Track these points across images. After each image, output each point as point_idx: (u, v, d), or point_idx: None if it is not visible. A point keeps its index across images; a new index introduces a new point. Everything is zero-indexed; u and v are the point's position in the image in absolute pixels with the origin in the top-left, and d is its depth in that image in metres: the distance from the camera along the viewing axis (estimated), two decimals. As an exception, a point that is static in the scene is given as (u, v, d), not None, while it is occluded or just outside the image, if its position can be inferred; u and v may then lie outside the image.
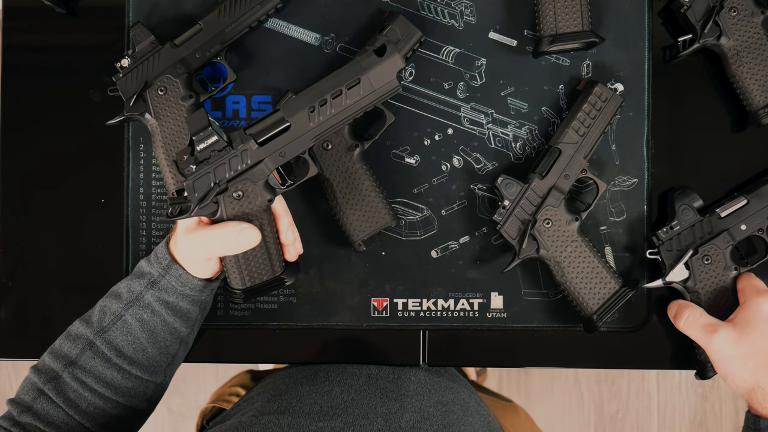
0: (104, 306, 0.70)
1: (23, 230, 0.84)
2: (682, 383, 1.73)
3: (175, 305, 0.69)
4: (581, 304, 0.80)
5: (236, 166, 0.67)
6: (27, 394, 0.67)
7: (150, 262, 0.70)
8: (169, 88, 0.78)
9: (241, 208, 0.67)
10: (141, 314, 0.68)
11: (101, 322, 0.69)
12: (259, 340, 0.85)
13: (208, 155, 0.66)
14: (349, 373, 0.80)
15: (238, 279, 0.71)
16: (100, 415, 0.67)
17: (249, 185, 0.66)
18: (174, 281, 0.69)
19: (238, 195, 0.66)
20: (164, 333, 0.70)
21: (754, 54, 0.80)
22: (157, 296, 0.69)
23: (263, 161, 0.66)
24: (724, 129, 0.85)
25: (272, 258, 0.70)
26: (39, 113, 0.84)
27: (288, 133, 0.66)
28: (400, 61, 0.64)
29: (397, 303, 0.84)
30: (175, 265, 0.68)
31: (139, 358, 0.69)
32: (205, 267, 0.70)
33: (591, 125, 0.79)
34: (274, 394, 0.78)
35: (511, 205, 0.79)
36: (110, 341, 0.68)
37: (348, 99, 0.65)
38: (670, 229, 0.80)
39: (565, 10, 0.78)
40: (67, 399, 0.66)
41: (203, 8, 0.81)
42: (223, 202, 0.67)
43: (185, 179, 0.67)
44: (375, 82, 0.64)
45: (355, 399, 0.75)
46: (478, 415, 0.81)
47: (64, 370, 0.67)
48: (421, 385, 0.80)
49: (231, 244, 0.66)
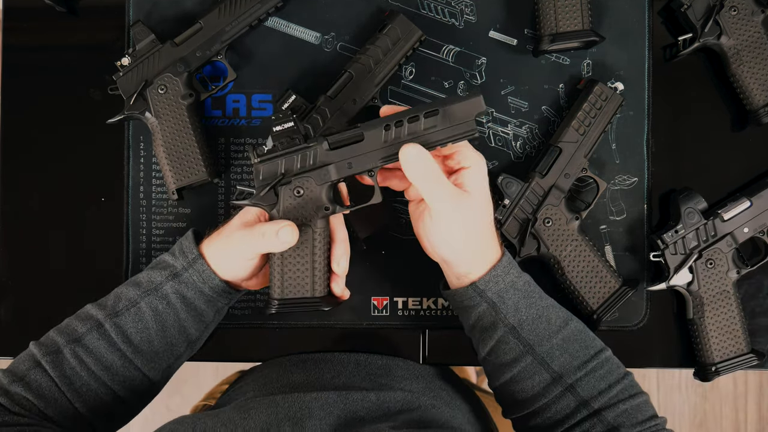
0: (120, 292, 0.70)
1: (23, 230, 0.84)
2: (682, 383, 1.73)
3: (191, 301, 0.69)
4: (581, 303, 0.80)
5: (305, 162, 0.67)
6: (23, 363, 0.66)
7: (174, 255, 0.70)
8: (169, 86, 0.78)
9: (298, 209, 0.68)
10: (156, 304, 0.68)
11: (115, 307, 0.68)
12: (259, 339, 0.85)
13: (282, 141, 0.67)
14: (338, 360, 0.82)
15: (277, 286, 0.70)
16: (91, 397, 0.67)
17: (311, 184, 0.67)
18: (196, 276, 0.69)
19: (298, 191, 0.67)
20: (174, 329, 0.70)
21: (755, 53, 0.80)
22: (176, 288, 0.69)
23: (330, 165, 0.67)
24: (725, 128, 0.85)
25: (315, 276, 0.70)
26: (39, 112, 0.84)
27: (360, 144, 0.67)
28: (482, 104, 0.65)
29: (397, 302, 0.84)
30: (201, 260, 0.68)
31: (144, 349, 0.68)
32: (243, 264, 0.69)
33: (591, 124, 0.79)
34: (265, 381, 0.80)
35: (511, 204, 0.79)
36: (120, 325, 0.68)
37: (423, 125, 0.65)
38: (675, 233, 0.80)
39: (566, 8, 0.78)
40: (63, 374, 0.65)
41: (203, 7, 0.81)
42: (283, 195, 0.67)
43: (256, 159, 0.67)
44: (452, 118, 0.65)
45: (346, 382, 0.77)
46: (467, 402, 0.83)
47: (66, 346, 0.66)
48: (410, 370, 0.82)
49: (269, 237, 0.66)
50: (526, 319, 0.68)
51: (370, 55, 0.78)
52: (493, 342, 0.69)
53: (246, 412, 0.66)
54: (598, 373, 0.67)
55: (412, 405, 0.73)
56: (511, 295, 0.68)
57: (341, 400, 0.70)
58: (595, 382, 0.67)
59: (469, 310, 0.70)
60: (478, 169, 0.67)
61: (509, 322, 0.68)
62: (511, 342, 0.68)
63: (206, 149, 0.79)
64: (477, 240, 0.67)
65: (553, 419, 0.68)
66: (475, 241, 0.67)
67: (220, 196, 0.83)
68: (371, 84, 0.78)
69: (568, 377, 0.67)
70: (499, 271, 0.68)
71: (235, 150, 0.83)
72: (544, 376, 0.67)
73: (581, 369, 0.67)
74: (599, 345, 0.69)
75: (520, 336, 0.68)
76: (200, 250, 0.69)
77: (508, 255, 0.70)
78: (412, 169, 0.64)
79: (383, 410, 0.71)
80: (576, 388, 0.67)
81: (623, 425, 0.66)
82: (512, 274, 0.69)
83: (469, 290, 0.68)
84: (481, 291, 0.68)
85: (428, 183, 0.64)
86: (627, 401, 0.67)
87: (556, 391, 0.67)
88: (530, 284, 0.70)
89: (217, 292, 0.70)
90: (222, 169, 0.83)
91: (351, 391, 0.71)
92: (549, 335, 0.68)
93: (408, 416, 0.71)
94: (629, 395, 0.67)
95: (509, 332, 0.68)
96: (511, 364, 0.68)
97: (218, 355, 0.86)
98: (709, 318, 0.80)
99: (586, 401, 0.66)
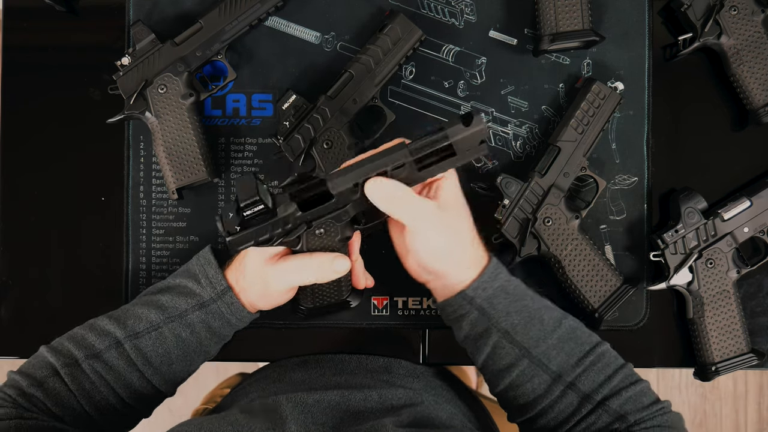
0: (141, 313, 0.69)
1: (23, 229, 0.84)
2: (682, 383, 1.73)
3: (217, 330, 0.70)
4: (583, 302, 0.80)
5: (278, 229, 0.66)
6: (40, 370, 0.66)
7: (200, 284, 0.70)
8: (169, 86, 0.78)
9: (321, 242, 0.68)
10: (180, 331, 0.69)
11: (135, 327, 0.68)
12: (260, 339, 0.84)
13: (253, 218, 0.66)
14: (339, 360, 0.82)
15: (309, 299, 0.72)
16: (108, 409, 0.67)
17: (332, 224, 0.67)
18: (225, 308, 0.69)
19: (320, 232, 0.67)
20: (195, 353, 0.70)
21: (755, 53, 0.80)
22: (202, 318, 0.69)
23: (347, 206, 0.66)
24: (725, 128, 0.85)
25: (341, 285, 0.72)
26: (39, 112, 0.84)
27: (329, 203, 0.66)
28: (485, 130, 0.63)
29: (397, 302, 0.84)
30: (230, 292, 0.69)
31: (164, 371, 0.69)
32: (279, 297, 0.70)
33: (590, 123, 0.79)
34: (267, 382, 0.80)
35: (511, 203, 0.79)
36: (140, 348, 0.68)
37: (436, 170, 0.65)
38: (675, 232, 0.80)
39: (566, 8, 0.78)
40: (82, 388, 0.66)
41: (203, 6, 0.81)
42: (306, 238, 0.67)
43: (228, 237, 0.65)
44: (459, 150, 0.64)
45: (348, 380, 0.77)
46: (467, 401, 0.83)
47: (85, 360, 0.66)
48: (410, 370, 0.82)
49: (326, 272, 0.67)
50: (519, 323, 0.68)
51: (370, 55, 0.78)
52: (489, 349, 0.68)
53: (250, 414, 0.66)
54: (597, 366, 0.67)
55: (414, 401, 0.73)
56: (501, 300, 0.68)
57: (343, 400, 0.70)
58: (595, 376, 0.67)
59: (461, 320, 0.69)
60: (452, 179, 0.67)
61: (502, 327, 0.67)
62: (506, 347, 0.68)
63: (206, 149, 0.79)
64: (460, 248, 0.67)
65: (558, 418, 0.67)
66: (459, 249, 0.67)
67: (220, 196, 0.83)
68: (371, 84, 0.78)
69: (568, 375, 0.67)
70: (486, 278, 0.68)
71: (235, 150, 0.83)
72: (543, 377, 0.67)
73: (579, 365, 0.67)
74: (595, 340, 0.69)
75: (514, 340, 0.67)
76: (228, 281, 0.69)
77: (495, 260, 0.70)
78: (379, 200, 0.64)
79: (386, 406, 0.71)
80: (577, 385, 0.67)
81: (629, 412, 0.66)
82: (500, 278, 0.69)
83: (458, 299, 0.68)
84: (471, 298, 0.68)
85: (395, 205, 0.64)
86: (629, 388, 0.67)
87: (557, 390, 0.67)
88: (519, 287, 0.70)
89: (243, 322, 0.71)
90: (222, 168, 0.83)
91: (353, 390, 0.72)
92: (544, 336, 0.67)
93: (411, 410, 0.71)
94: (630, 383, 0.67)
95: (503, 337, 0.68)
96: (509, 369, 0.68)
97: (220, 355, 0.86)
98: (709, 318, 0.80)
99: (588, 395, 0.66)
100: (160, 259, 0.83)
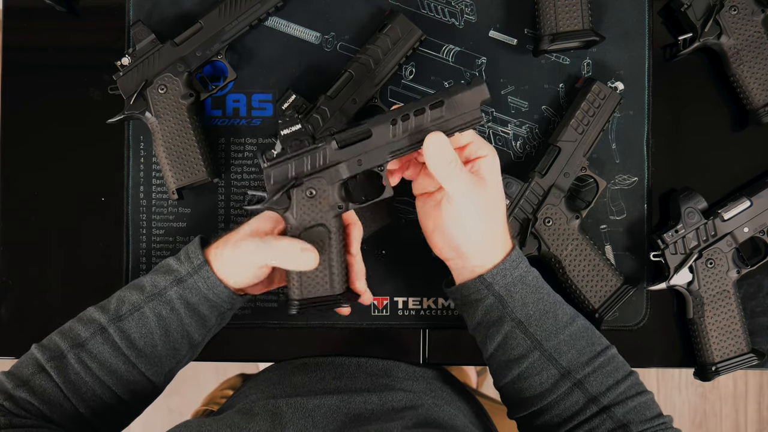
0: (123, 296, 0.69)
1: (23, 229, 0.84)
2: (682, 383, 1.73)
3: (195, 307, 0.69)
4: (584, 302, 0.80)
5: (314, 163, 0.67)
6: (26, 368, 0.66)
7: (180, 260, 0.70)
8: (169, 86, 0.78)
9: (312, 210, 0.68)
10: (160, 309, 0.68)
11: (118, 311, 0.68)
12: (259, 339, 0.85)
13: (290, 144, 0.67)
14: (339, 363, 0.82)
15: (296, 287, 0.70)
16: (95, 401, 0.67)
17: (323, 185, 0.67)
18: (201, 282, 0.68)
19: (311, 192, 0.67)
20: (177, 334, 0.69)
21: (755, 53, 0.80)
22: (180, 294, 0.68)
23: (340, 164, 0.67)
24: (725, 128, 0.85)
25: (333, 274, 0.70)
26: (39, 112, 0.84)
27: (368, 140, 0.67)
28: (486, 91, 0.65)
29: (397, 302, 0.84)
30: (206, 266, 0.68)
31: (148, 353, 0.68)
32: (252, 272, 0.68)
33: (590, 123, 0.79)
34: (267, 384, 0.80)
35: (511, 204, 0.79)
36: (124, 330, 0.67)
37: (429, 117, 0.66)
38: (675, 232, 0.80)
39: (566, 8, 0.78)
40: (68, 380, 0.65)
41: (203, 7, 0.81)
42: (296, 197, 0.67)
43: (266, 164, 0.67)
44: (458, 108, 0.65)
45: (348, 384, 0.77)
46: (467, 402, 0.83)
47: (70, 351, 0.66)
48: (410, 372, 0.82)
49: (290, 258, 0.66)
50: (534, 314, 0.68)
51: (370, 55, 0.78)
52: (500, 337, 0.68)
53: (249, 416, 0.66)
54: (606, 369, 0.67)
55: (414, 403, 0.73)
56: (519, 290, 0.68)
57: (344, 404, 0.70)
58: (603, 378, 0.67)
59: (476, 305, 0.69)
60: (493, 159, 0.67)
61: (516, 317, 0.67)
62: (518, 337, 0.68)
63: (206, 149, 0.79)
64: (490, 229, 0.67)
65: (561, 416, 0.67)
66: (489, 229, 0.67)
67: (220, 196, 0.83)
68: (371, 84, 0.78)
69: (576, 373, 0.67)
70: (507, 265, 0.68)
71: (235, 150, 0.83)
72: (552, 371, 0.67)
73: (589, 365, 0.67)
74: (605, 342, 0.69)
75: (527, 331, 0.67)
76: (206, 256, 0.69)
77: (517, 249, 0.70)
78: (435, 156, 0.64)
79: (387, 409, 0.71)
80: (584, 384, 0.66)
81: (632, 422, 0.66)
82: (521, 268, 0.69)
83: (477, 282, 0.68)
84: (489, 284, 0.68)
85: (450, 169, 0.64)
86: (635, 398, 0.67)
87: (564, 387, 0.67)
88: (538, 279, 0.70)
89: (221, 298, 0.69)
90: (222, 169, 0.83)
91: (353, 394, 0.71)
92: (556, 331, 0.67)
93: (413, 413, 0.71)
94: (636, 392, 0.67)
95: (516, 327, 0.67)
96: (519, 360, 0.68)
97: (219, 356, 0.86)
98: (709, 318, 0.80)
99: (594, 397, 0.66)
100: (160, 259, 0.83)
